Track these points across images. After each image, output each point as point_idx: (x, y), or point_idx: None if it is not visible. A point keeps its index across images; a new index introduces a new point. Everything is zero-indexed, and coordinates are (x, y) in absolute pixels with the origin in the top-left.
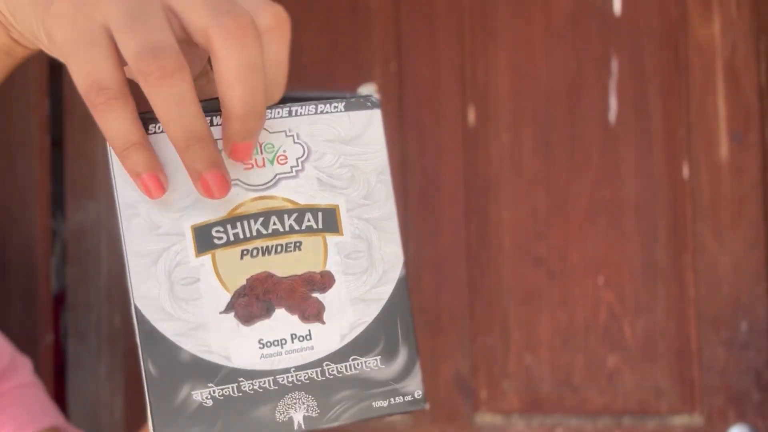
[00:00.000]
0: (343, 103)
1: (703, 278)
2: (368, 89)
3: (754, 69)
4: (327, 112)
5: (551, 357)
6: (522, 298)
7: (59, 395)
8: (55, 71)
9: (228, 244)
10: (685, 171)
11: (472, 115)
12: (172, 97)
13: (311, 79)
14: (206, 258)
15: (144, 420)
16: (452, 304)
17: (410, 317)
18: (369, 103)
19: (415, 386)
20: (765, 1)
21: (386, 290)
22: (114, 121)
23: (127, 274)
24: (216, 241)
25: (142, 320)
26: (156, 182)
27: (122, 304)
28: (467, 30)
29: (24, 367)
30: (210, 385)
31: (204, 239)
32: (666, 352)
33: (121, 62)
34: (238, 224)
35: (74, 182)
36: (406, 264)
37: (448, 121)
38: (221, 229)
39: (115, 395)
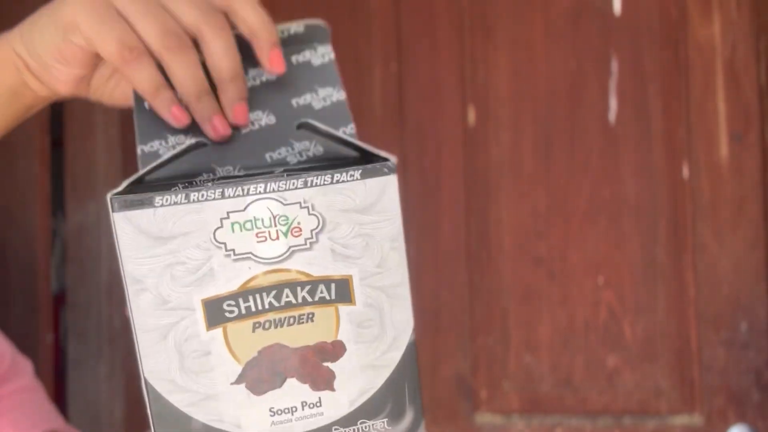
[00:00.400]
0: (360, 171)
1: (703, 278)
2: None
3: (754, 69)
4: (343, 182)
5: (551, 357)
6: (522, 298)
7: (59, 395)
8: None
9: (240, 317)
10: (685, 171)
11: (472, 115)
12: (188, 64)
13: None
14: (217, 331)
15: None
16: (452, 304)
17: (417, 379)
18: (386, 169)
19: None
20: (765, 1)
21: (396, 356)
22: (144, 72)
23: (136, 348)
24: (227, 314)
25: (153, 393)
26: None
27: (122, 304)
28: (467, 30)
29: (25, 369)
30: None
31: (215, 313)
32: (666, 352)
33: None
34: (251, 298)
35: (74, 182)
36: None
37: (448, 121)
38: (233, 303)
39: (115, 395)
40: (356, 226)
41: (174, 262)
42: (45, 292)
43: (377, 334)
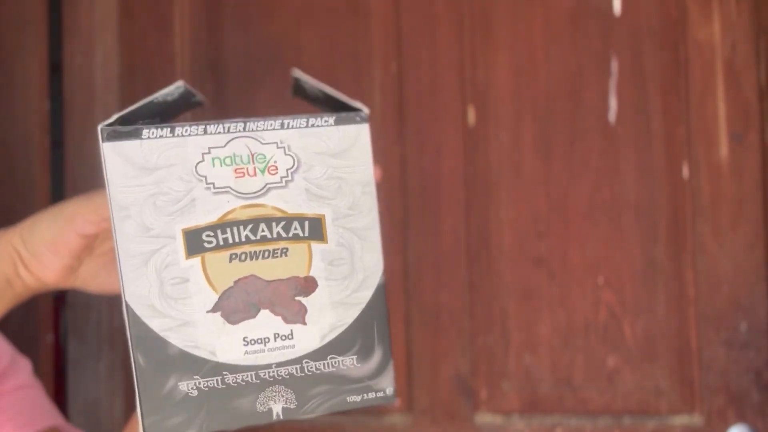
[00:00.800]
0: (334, 118)
1: (703, 278)
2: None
3: (754, 69)
4: (318, 126)
5: (551, 357)
6: (522, 298)
7: (59, 395)
8: (55, 71)
9: (217, 248)
10: (685, 171)
11: (472, 115)
12: None
13: None
14: (196, 260)
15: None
16: (452, 304)
17: (386, 321)
18: (358, 118)
19: (387, 383)
20: (765, 1)
21: (365, 295)
22: None
23: (119, 272)
24: (206, 244)
25: (133, 316)
26: None
27: (122, 304)
28: (467, 30)
29: (24, 368)
30: (196, 377)
31: (194, 242)
32: (666, 352)
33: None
34: (228, 230)
35: (74, 182)
36: (386, 271)
37: (448, 121)
38: (211, 234)
39: (115, 395)
40: (330, 168)
41: (157, 192)
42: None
43: (348, 272)
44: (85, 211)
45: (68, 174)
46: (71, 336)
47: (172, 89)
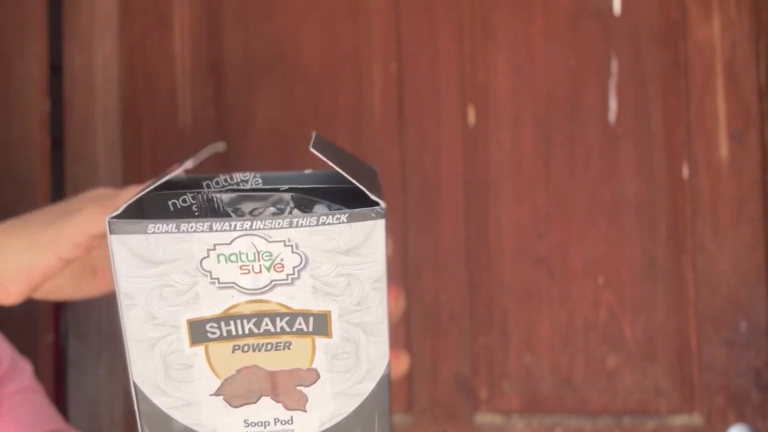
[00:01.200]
0: (346, 215)
1: (702, 278)
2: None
3: (753, 69)
4: (329, 224)
5: (551, 357)
6: (522, 298)
7: (59, 395)
8: (55, 71)
9: (221, 338)
10: (685, 171)
11: (472, 115)
12: None
13: (311, 79)
14: (200, 348)
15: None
16: (452, 304)
17: (388, 411)
18: (374, 214)
19: None
20: (765, 2)
21: (368, 386)
22: None
23: (126, 354)
24: (209, 335)
25: (140, 393)
26: None
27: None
28: (467, 30)
29: (25, 370)
30: None
31: (198, 332)
32: (666, 352)
33: None
34: (232, 322)
35: (74, 183)
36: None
37: (448, 121)
38: (215, 325)
39: (115, 395)
40: (339, 266)
41: (163, 284)
42: None
43: (352, 365)
44: (72, 233)
45: (68, 174)
46: (71, 336)
47: (180, 171)
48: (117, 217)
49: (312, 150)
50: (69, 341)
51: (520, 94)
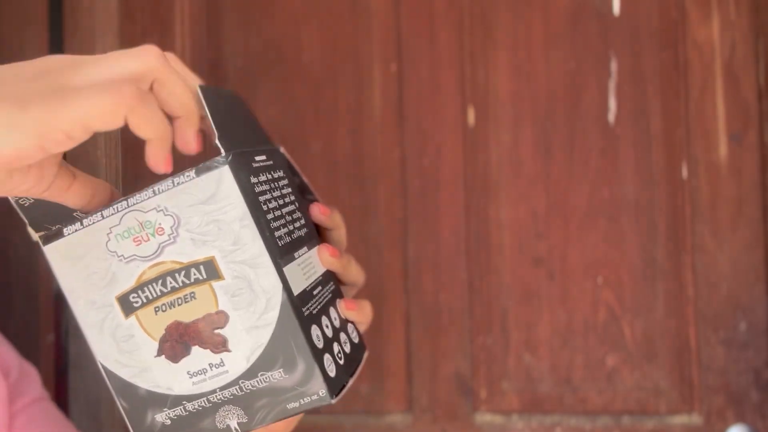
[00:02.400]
0: (194, 171)
1: (702, 278)
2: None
3: (753, 70)
4: (182, 183)
5: (551, 357)
6: (522, 298)
7: (60, 395)
8: None
9: (143, 305)
10: (684, 171)
11: (472, 116)
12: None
13: (311, 79)
14: (132, 318)
15: None
16: (452, 304)
17: (301, 333)
18: (216, 163)
19: (317, 387)
20: (764, 2)
21: (273, 315)
22: (156, 114)
23: (87, 341)
24: (134, 304)
25: (106, 370)
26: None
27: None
28: (467, 30)
29: (34, 378)
30: (165, 409)
31: (126, 305)
32: (665, 352)
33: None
34: (146, 288)
35: None
36: (285, 289)
37: (448, 121)
38: (135, 295)
39: None
40: (205, 215)
41: (90, 273)
42: (46, 292)
43: (251, 299)
44: (67, 121)
45: None
46: (72, 336)
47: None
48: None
49: (198, 91)
50: (70, 341)
51: (520, 94)
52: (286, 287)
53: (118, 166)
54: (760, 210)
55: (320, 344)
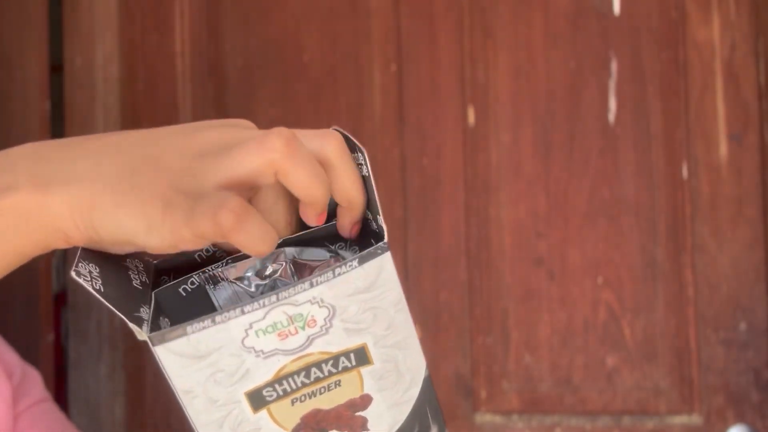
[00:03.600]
0: (357, 260)
1: (702, 278)
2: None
3: (753, 69)
4: (344, 273)
5: (551, 357)
6: (522, 298)
7: (60, 395)
8: (55, 71)
9: (278, 398)
10: (684, 171)
11: (472, 116)
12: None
13: (311, 79)
14: (263, 412)
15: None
16: (452, 304)
17: (436, 402)
18: (379, 251)
19: None
20: (764, 2)
21: (415, 391)
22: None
23: None
24: (268, 398)
25: None
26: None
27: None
28: (467, 30)
29: (36, 381)
30: None
31: (257, 400)
32: (665, 352)
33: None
34: (284, 382)
35: None
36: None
37: (448, 121)
38: (270, 389)
39: (116, 395)
40: (362, 303)
41: (215, 371)
42: (46, 292)
43: (396, 379)
44: (208, 231)
45: None
46: (72, 336)
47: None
48: (154, 327)
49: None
50: (69, 341)
51: (520, 94)
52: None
53: None
54: (760, 210)
55: None
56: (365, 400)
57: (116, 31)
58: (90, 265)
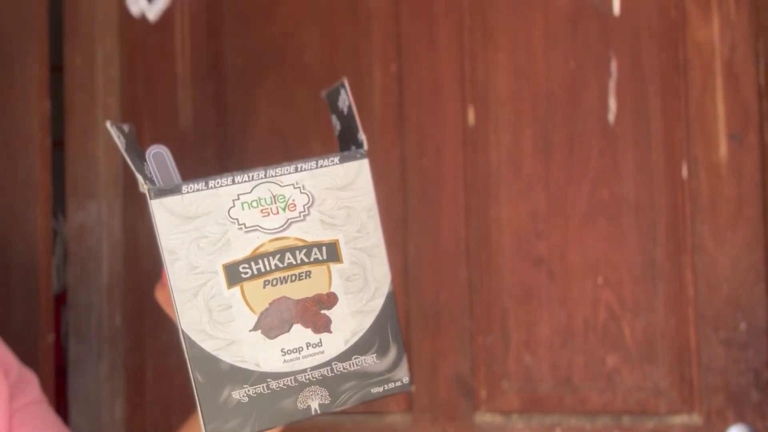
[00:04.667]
0: (338, 157)
1: (702, 278)
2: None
3: (753, 69)
4: (326, 166)
5: (551, 357)
6: (521, 297)
7: (60, 395)
8: (56, 71)
9: (252, 277)
10: (684, 171)
11: (472, 116)
12: None
13: (311, 79)
14: (236, 289)
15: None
16: (452, 304)
17: (397, 322)
18: (359, 155)
19: (402, 374)
20: (764, 2)
21: (378, 303)
22: None
23: (174, 306)
24: (243, 275)
25: (189, 341)
26: None
27: (123, 304)
28: (467, 30)
29: (32, 381)
30: (245, 386)
31: (233, 275)
32: (665, 352)
33: None
34: (260, 261)
35: (75, 182)
36: (393, 280)
37: (448, 121)
38: (246, 266)
39: (116, 395)
40: (339, 200)
41: (199, 236)
42: (46, 292)
43: (362, 286)
44: None
45: (68, 174)
46: (72, 336)
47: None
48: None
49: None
50: (69, 341)
51: (520, 94)
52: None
53: (118, 166)
54: (760, 210)
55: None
56: (331, 299)
57: (116, 32)
58: (119, 128)
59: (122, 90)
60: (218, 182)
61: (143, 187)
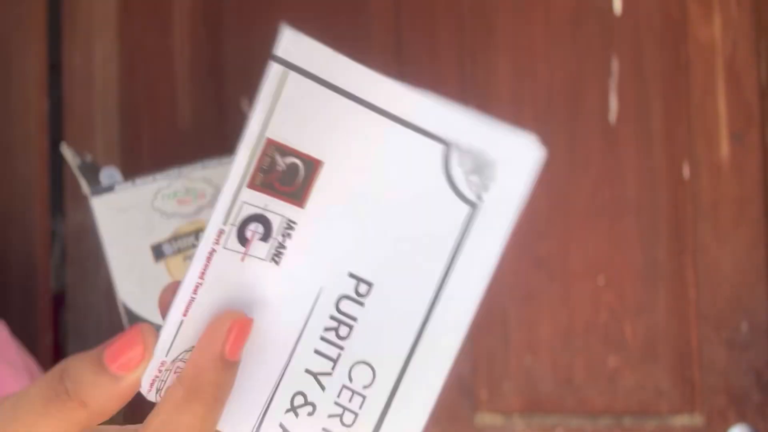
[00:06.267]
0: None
1: (703, 278)
2: None
3: (754, 69)
4: (228, 162)
5: (551, 357)
6: (522, 298)
7: None
8: (54, 70)
9: (174, 253)
10: (686, 171)
11: None
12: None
13: None
14: (162, 264)
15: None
16: None
17: None
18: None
19: None
20: (765, 1)
21: None
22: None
23: (113, 279)
24: (166, 252)
25: (126, 307)
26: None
27: (117, 300)
28: (467, 30)
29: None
30: None
31: (158, 252)
32: (666, 353)
33: None
34: (179, 240)
35: (74, 183)
36: None
37: None
38: (169, 245)
39: None
40: None
41: (130, 224)
42: (45, 292)
43: None
44: None
45: (68, 174)
46: (71, 336)
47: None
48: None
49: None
50: (68, 342)
51: (520, 94)
52: None
53: (118, 166)
54: (762, 210)
55: None
56: None
57: (116, 31)
58: (79, 154)
59: (121, 90)
60: (143, 181)
61: (85, 189)
